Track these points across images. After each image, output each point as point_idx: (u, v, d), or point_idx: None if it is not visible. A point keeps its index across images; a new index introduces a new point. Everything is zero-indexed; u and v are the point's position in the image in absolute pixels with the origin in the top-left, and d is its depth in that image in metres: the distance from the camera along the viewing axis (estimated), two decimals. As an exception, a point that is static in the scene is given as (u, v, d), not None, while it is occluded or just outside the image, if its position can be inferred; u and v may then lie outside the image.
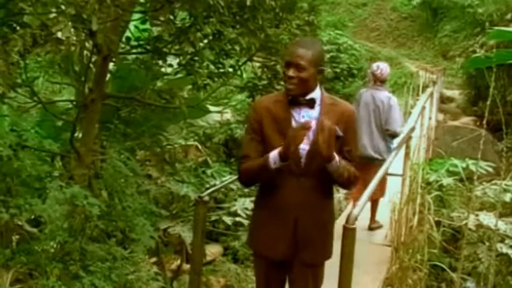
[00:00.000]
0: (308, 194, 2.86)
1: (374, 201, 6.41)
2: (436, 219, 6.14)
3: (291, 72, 2.77)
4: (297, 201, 2.85)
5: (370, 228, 6.58)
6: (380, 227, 6.63)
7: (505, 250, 6.13)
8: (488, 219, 6.27)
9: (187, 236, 6.48)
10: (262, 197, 2.97)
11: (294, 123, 2.83)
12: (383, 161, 5.43)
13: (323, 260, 3.02)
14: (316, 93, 2.88)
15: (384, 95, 6.20)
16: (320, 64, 2.85)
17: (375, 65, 6.45)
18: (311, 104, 2.86)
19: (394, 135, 6.24)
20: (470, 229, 6.18)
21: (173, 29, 4.86)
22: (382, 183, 5.96)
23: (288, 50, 2.91)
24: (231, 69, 5.75)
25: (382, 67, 6.32)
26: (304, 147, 2.82)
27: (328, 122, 2.66)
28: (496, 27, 8.91)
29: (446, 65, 25.64)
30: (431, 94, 14.64)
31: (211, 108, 7.54)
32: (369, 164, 5.84)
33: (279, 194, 2.87)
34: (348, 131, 2.90)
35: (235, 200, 7.72)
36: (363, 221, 6.35)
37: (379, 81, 6.28)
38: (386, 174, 5.36)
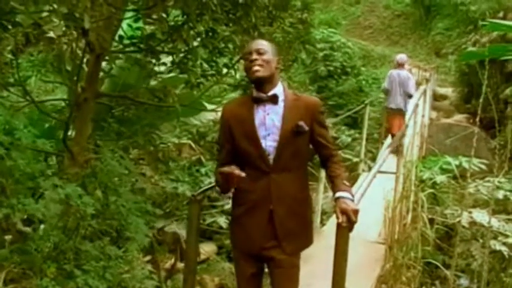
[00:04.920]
0: (280, 188, 2.90)
1: (394, 135, 9.48)
2: (430, 216, 6.17)
3: (254, 56, 2.87)
4: (270, 196, 2.89)
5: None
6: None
7: (498, 247, 6.17)
8: (481, 216, 6.30)
9: (181, 235, 6.49)
10: (238, 195, 3.03)
11: (256, 123, 2.90)
12: (404, 111, 10.33)
13: (304, 248, 3.05)
14: (279, 90, 2.95)
15: (404, 73, 10.56)
16: (277, 57, 2.97)
17: (398, 56, 11.21)
18: (274, 100, 2.92)
19: (410, 96, 10.44)
20: (463, 226, 6.21)
21: (166, 27, 4.84)
22: (401, 123, 10.14)
23: (246, 47, 3.03)
24: (224, 68, 5.74)
25: (402, 56, 11.09)
26: (271, 144, 2.89)
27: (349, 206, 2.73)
28: (491, 20, 8.99)
29: (439, 63, 25.70)
30: (424, 92, 14.66)
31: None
32: (396, 113, 10.41)
33: (252, 191, 2.93)
34: (316, 121, 2.96)
35: (229, 198, 7.71)
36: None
37: (399, 64, 10.59)
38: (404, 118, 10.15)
